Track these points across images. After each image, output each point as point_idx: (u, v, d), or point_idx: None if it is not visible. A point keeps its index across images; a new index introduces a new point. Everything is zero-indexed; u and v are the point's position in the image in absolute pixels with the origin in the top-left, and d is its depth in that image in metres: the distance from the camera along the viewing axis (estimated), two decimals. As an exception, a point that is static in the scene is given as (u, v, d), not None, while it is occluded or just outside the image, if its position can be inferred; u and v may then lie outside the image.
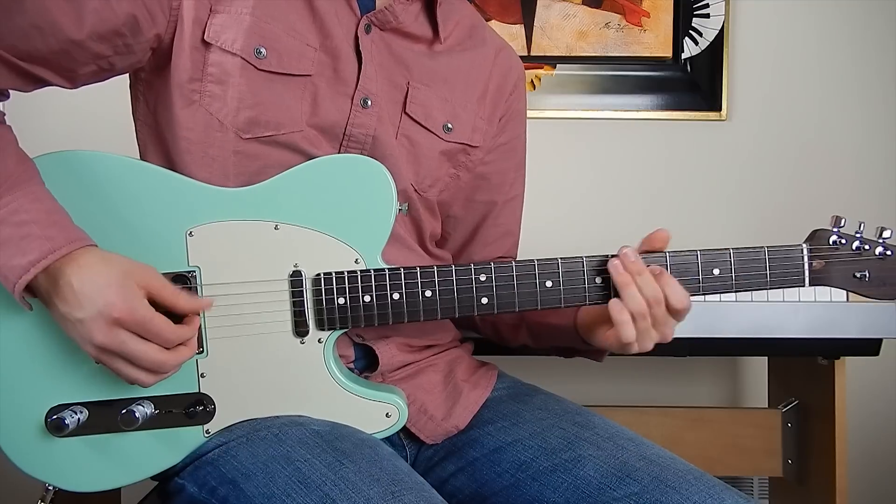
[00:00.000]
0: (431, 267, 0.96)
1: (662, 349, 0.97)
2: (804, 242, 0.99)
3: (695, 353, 1.54)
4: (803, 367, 1.66)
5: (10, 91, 0.94)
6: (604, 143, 2.02)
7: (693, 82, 1.99)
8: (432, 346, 1.11)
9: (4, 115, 0.93)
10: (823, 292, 1.39)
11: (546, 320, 1.09)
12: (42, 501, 1.00)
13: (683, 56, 1.98)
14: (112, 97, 1.14)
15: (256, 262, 0.95)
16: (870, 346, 1.41)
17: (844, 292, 1.39)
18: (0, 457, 0.95)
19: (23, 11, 0.86)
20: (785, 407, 1.70)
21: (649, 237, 0.99)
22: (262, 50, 0.96)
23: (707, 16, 1.97)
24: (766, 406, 1.87)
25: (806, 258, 0.99)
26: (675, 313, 0.95)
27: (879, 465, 2.02)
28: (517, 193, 1.22)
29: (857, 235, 0.99)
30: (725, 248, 0.98)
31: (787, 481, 1.70)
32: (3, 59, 0.88)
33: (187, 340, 0.91)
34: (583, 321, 1.04)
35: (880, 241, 0.99)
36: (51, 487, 0.98)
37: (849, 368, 1.53)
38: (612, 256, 0.96)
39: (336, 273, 0.95)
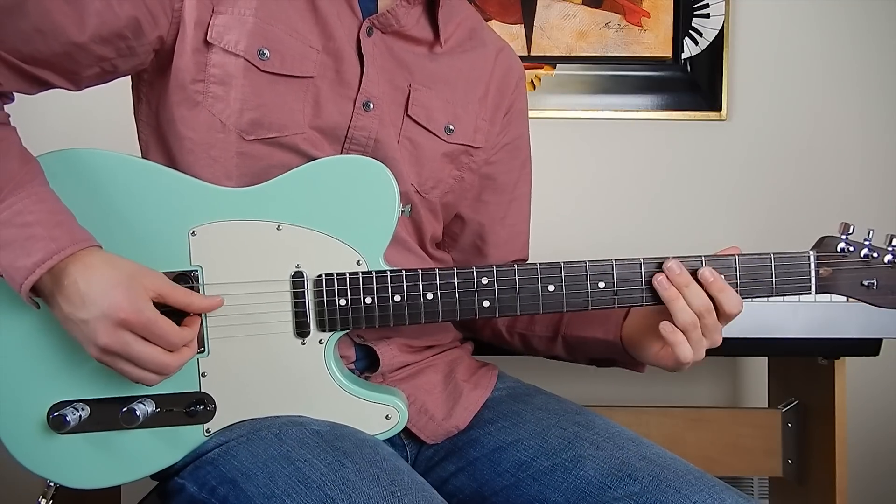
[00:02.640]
0: (433, 269, 0.96)
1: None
2: (811, 249, 0.98)
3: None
4: (803, 367, 1.66)
5: (15, 94, 0.94)
6: (604, 143, 2.02)
7: (693, 82, 1.99)
8: (433, 346, 1.11)
9: (9, 116, 0.94)
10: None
11: (588, 334, 1.09)
12: (43, 498, 1.00)
13: (683, 56, 1.98)
14: (114, 98, 1.15)
15: (258, 263, 0.95)
16: (870, 346, 1.41)
17: (844, 292, 1.39)
18: (2, 453, 0.95)
19: (25, 14, 0.87)
20: (785, 407, 1.70)
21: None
22: (266, 51, 0.97)
23: (707, 16, 1.97)
24: (766, 406, 1.87)
25: (813, 265, 0.97)
26: (729, 317, 0.95)
27: (879, 465, 2.02)
28: (523, 192, 1.22)
29: (866, 243, 0.97)
30: (731, 255, 0.97)
31: (787, 481, 1.70)
32: (7, 61, 0.88)
33: (189, 341, 0.91)
34: (629, 336, 1.04)
35: (889, 248, 0.97)
36: (52, 484, 0.98)
37: (849, 368, 1.53)
38: (618, 260, 0.96)
39: (338, 274, 0.95)
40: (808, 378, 1.64)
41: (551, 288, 0.97)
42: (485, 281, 0.96)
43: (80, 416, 0.93)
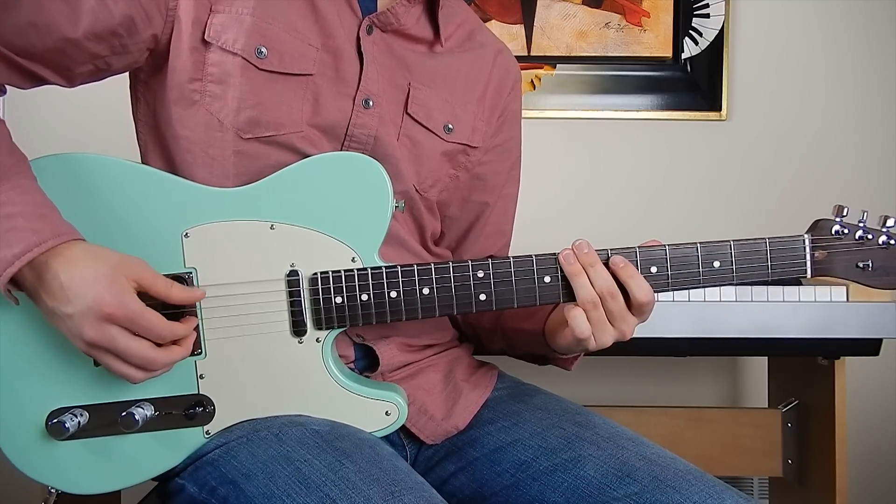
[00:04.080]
0: (429, 264, 0.95)
1: (663, 349, 0.97)
2: (806, 233, 0.98)
3: (695, 353, 1.54)
4: (803, 367, 1.66)
5: (8, 87, 0.94)
6: (604, 143, 2.02)
7: (693, 82, 1.99)
8: (432, 345, 1.11)
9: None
10: (823, 292, 1.39)
11: (520, 326, 1.09)
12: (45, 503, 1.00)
13: (683, 56, 1.99)
14: (113, 97, 1.15)
15: (253, 262, 0.95)
16: (870, 346, 1.41)
17: (844, 292, 1.39)
18: (2, 460, 0.95)
19: (18, 8, 0.87)
20: (785, 407, 1.70)
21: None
22: (263, 50, 0.97)
23: (707, 16, 1.98)
24: (766, 406, 1.87)
25: (808, 248, 0.97)
26: (639, 306, 0.94)
27: (879, 465, 2.02)
28: (510, 193, 1.21)
29: (861, 225, 0.97)
30: (726, 240, 0.96)
31: (787, 481, 1.70)
32: (0, 53, 0.88)
33: (182, 340, 0.91)
34: (550, 326, 1.03)
35: (884, 230, 0.97)
36: (53, 490, 0.98)
37: (849, 368, 1.53)
38: (612, 250, 0.96)
39: (333, 272, 0.95)
40: (808, 378, 1.64)
41: (547, 279, 0.96)
42: (481, 274, 0.96)
43: (79, 422, 0.92)
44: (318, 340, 0.96)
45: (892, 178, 2.01)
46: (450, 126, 1.08)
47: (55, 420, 0.92)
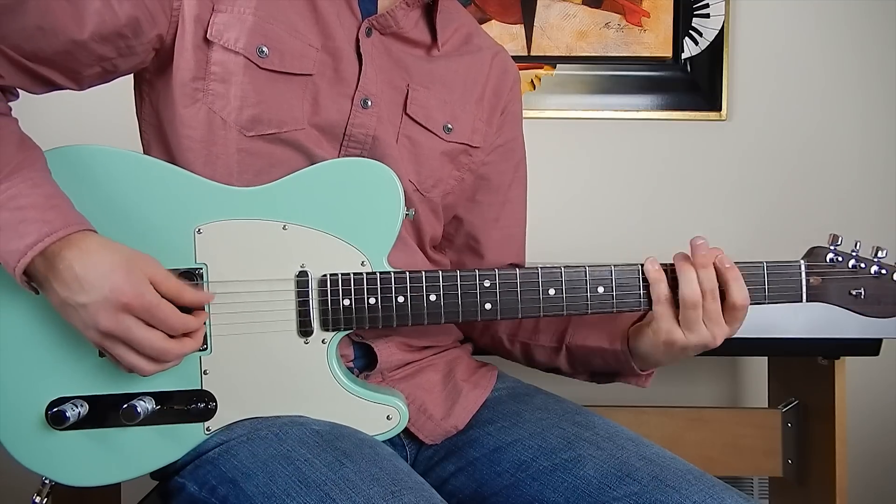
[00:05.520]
0: (436, 271, 0.97)
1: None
2: (802, 259, 1.01)
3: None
4: (803, 367, 1.66)
5: (20, 91, 0.95)
6: (604, 143, 2.02)
7: (693, 82, 1.99)
8: (432, 346, 1.11)
9: (11, 109, 0.94)
10: (823, 292, 1.39)
11: (594, 344, 1.09)
12: (39, 495, 1.00)
13: (683, 56, 1.99)
14: (116, 96, 1.15)
15: (263, 262, 0.95)
16: (870, 346, 1.41)
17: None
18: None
19: (25, 12, 0.87)
20: (785, 407, 1.70)
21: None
22: (265, 49, 0.97)
23: (707, 16, 1.98)
24: (766, 406, 1.87)
25: (804, 274, 1.00)
26: (733, 310, 0.96)
27: (879, 465, 2.02)
28: (517, 195, 1.22)
29: (854, 254, 1.00)
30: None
31: (787, 481, 1.71)
32: (9, 57, 0.89)
33: (193, 333, 0.91)
34: (633, 336, 1.04)
35: (876, 259, 1.00)
36: (47, 481, 0.98)
37: (849, 368, 1.53)
38: (616, 266, 0.97)
39: (342, 275, 0.95)
40: (808, 378, 1.64)
41: (552, 292, 0.97)
42: (487, 283, 0.97)
43: (80, 412, 0.93)
44: (323, 342, 0.96)
45: (891, 177, 2.01)
46: (449, 126, 1.09)
47: (55, 409, 0.92)
